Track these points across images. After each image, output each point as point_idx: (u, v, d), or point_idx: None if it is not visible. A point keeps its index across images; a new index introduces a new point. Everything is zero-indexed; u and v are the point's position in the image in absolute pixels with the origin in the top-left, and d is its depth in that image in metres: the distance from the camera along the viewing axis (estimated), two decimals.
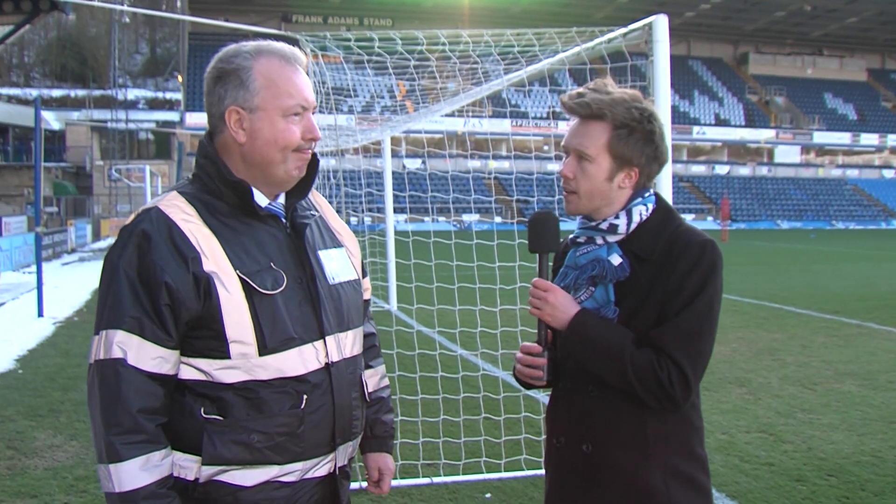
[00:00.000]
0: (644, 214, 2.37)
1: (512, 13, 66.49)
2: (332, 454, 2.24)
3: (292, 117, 2.17)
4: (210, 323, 2.06)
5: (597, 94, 2.34)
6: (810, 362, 10.16)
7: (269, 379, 2.10)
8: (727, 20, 75.97)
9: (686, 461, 2.33)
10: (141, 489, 2.00)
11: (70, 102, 67.50)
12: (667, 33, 4.69)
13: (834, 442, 6.84)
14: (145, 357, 2.03)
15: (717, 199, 63.42)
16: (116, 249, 2.10)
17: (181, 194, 2.17)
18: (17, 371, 9.65)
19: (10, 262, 23.13)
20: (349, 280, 2.38)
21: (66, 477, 5.95)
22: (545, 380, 2.42)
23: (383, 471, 2.58)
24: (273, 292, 2.11)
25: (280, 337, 2.11)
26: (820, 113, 77.24)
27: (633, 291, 2.31)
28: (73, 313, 14.66)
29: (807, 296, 17.21)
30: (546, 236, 2.41)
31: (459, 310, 6.62)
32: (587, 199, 2.38)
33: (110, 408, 2.01)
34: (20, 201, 46.38)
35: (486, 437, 6.36)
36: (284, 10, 70.75)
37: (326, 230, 2.41)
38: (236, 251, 2.11)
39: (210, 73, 2.20)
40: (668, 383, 2.19)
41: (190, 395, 2.10)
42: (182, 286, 2.03)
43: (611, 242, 2.37)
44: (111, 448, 2.00)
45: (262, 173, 2.20)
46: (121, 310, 2.03)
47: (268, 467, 2.12)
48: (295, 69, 2.20)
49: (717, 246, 2.30)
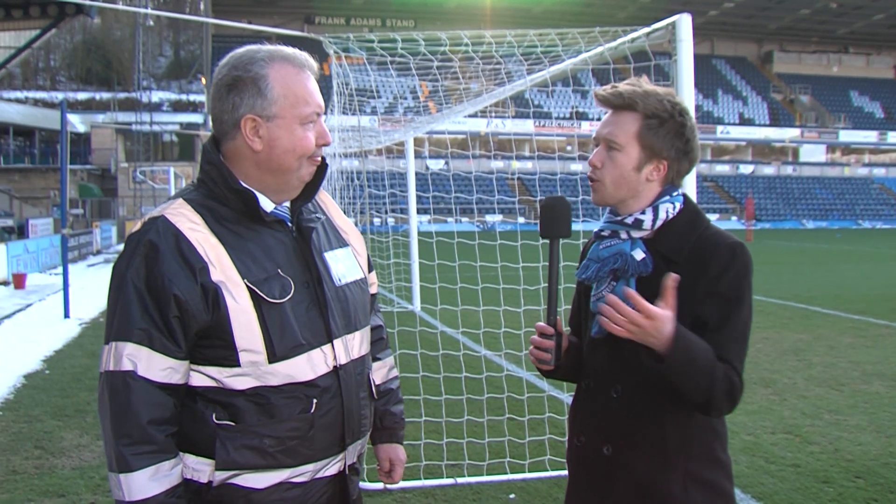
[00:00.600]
0: (671, 213, 2.35)
1: (534, 13, 66.42)
2: (342, 454, 2.26)
3: (308, 124, 2.18)
4: (219, 333, 2.07)
5: (630, 87, 2.34)
6: (837, 363, 10.08)
7: (279, 385, 2.11)
8: (751, 18, 75.51)
9: (708, 467, 2.31)
10: (150, 499, 2.01)
11: (95, 105, 68.04)
12: (690, 32, 4.66)
13: (861, 443, 6.77)
14: (155, 368, 2.03)
15: (741, 198, 63.05)
16: (124, 260, 2.10)
17: (187, 201, 2.16)
18: (45, 372, 9.74)
19: (37, 263, 23.36)
20: (356, 280, 2.39)
21: (92, 476, 6.00)
22: (552, 364, 2.41)
23: (394, 461, 2.60)
24: (281, 301, 2.12)
25: (289, 344, 2.12)
26: (846, 111, 76.62)
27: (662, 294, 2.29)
28: (99, 314, 14.78)
29: (833, 296, 17.07)
30: (557, 222, 2.39)
31: (483, 310, 6.62)
32: (613, 188, 2.36)
33: (120, 419, 2.02)
34: (46, 203, 46.86)
35: (511, 438, 6.35)
36: (307, 12, 71.05)
37: (332, 230, 2.42)
38: (243, 259, 2.11)
39: (222, 79, 2.17)
40: (736, 392, 2.19)
41: (202, 401, 2.11)
42: (190, 297, 2.04)
43: (635, 238, 2.35)
44: (121, 458, 2.01)
45: (275, 180, 2.20)
46: (130, 322, 2.03)
47: (279, 470, 2.14)
48: (308, 76, 2.20)
49: (746, 247, 2.28)
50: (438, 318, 9.30)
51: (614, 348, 2.35)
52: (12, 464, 6.29)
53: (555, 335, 2.40)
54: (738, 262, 2.25)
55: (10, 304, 16.26)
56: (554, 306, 2.42)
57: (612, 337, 2.36)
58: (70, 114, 59.23)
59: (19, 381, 9.17)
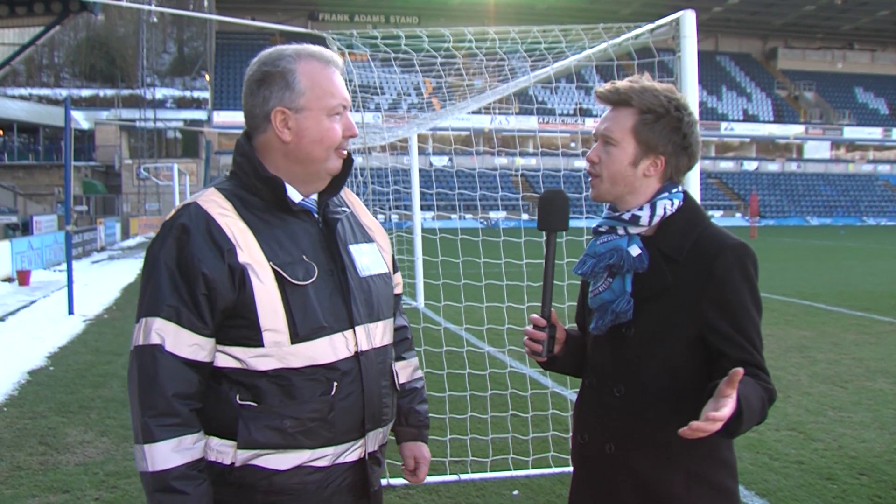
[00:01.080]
0: (669, 209, 2.34)
1: (538, 10, 66.41)
2: (362, 440, 2.30)
3: (335, 116, 2.27)
4: (244, 312, 2.14)
5: (628, 83, 2.36)
6: (841, 360, 10.07)
7: (300, 367, 2.17)
8: (755, 15, 75.35)
9: (712, 467, 2.30)
10: (172, 469, 2.07)
11: (99, 102, 68.14)
12: (694, 29, 4.66)
13: (865, 440, 6.77)
14: (182, 344, 2.11)
15: (745, 195, 62.94)
16: (157, 242, 2.19)
17: (219, 190, 2.26)
18: (49, 368, 9.76)
19: (41, 260, 23.40)
20: (380, 273, 2.45)
21: (97, 473, 6.01)
22: (543, 355, 2.45)
23: (419, 460, 2.65)
24: (304, 283, 2.19)
25: (311, 325, 2.18)
26: (850, 108, 76.47)
27: (665, 293, 2.29)
28: (103, 311, 14.82)
29: (837, 293, 17.06)
30: (555, 214, 2.42)
31: (487, 307, 6.61)
32: (610, 184, 2.37)
33: (147, 391, 2.10)
34: (51, 200, 46.93)
35: (514, 435, 6.35)
36: (311, 9, 71.03)
37: (357, 226, 2.49)
38: (270, 244, 2.19)
39: (253, 75, 2.28)
40: (774, 393, 2.21)
41: (226, 382, 2.18)
42: (218, 276, 2.12)
43: (632, 234, 2.36)
44: (146, 429, 2.08)
45: (303, 170, 2.29)
46: (160, 298, 2.12)
47: (300, 451, 2.19)
48: (333, 71, 2.29)
49: (749, 246, 2.28)
50: (442, 315, 9.30)
51: (616, 347, 2.36)
52: (17, 460, 6.31)
53: (547, 327, 2.44)
54: (743, 265, 2.24)
55: (14, 300, 16.30)
56: (549, 298, 2.45)
57: (612, 335, 2.37)
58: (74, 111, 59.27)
59: (23, 378, 9.19)
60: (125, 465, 6.17)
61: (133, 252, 32.40)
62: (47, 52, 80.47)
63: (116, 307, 15.35)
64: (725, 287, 2.22)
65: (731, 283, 2.22)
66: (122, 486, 5.73)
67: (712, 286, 2.22)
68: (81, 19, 59.94)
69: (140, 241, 40.24)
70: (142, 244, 38.04)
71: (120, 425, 7.19)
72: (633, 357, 2.31)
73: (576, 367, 2.58)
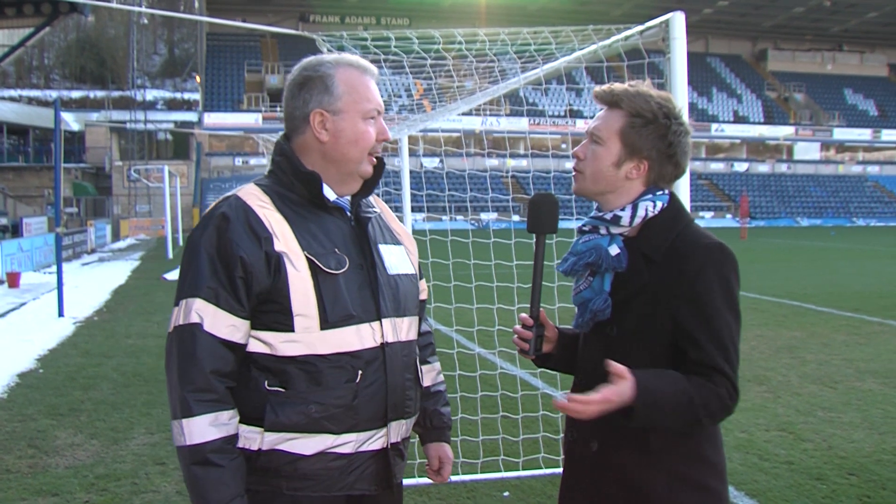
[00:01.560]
0: (651, 211, 2.36)
1: (529, 11, 66.44)
2: (385, 429, 2.39)
3: (369, 120, 2.42)
4: (278, 297, 2.26)
5: (623, 86, 2.40)
6: (831, 360, 10.10)
7: (327, 353, 2.28)
8: (745, 17, 75.61)
9: (695, 467, 2.30)
10: (209, 443, 2.18)
11: (89, 104, 68.02)
12: (683, 30, 4.66)
13: (854, 440, 6.79)
14: (220, 324, 2.23)
15: (735, 196, 63.11)
16: (199, 230, 2.32)
17: (258, 186, 2.41)
18: (38, 371, 9.72)
19: (31, 262, 23.32)
20: (407, 273, 2.56)
21: (86, 475, 5.99)
22: (531, 353, 2.50)
23: (443, 460, 2.75)
24: (336, 272, 2.31)
25: (340, 313, 2.29)
26: (840, 109, 76.73)
27: (642, 293, 2.31)
28: (93, 313, 14.78)
29: (827, 293, 17.11)
30: (544, 217, 2.46)
31: (477, 308, 6.61)
32: (591, 181, 2.42)
33: (186, 367, 2.22)
34: (41, 202, 46.78)
35: (504, 436, 6.35)
36: (302, 10, 70.94)
37: (387, 229, 2.61)
38: (304, 235, 2.32)
39: (294, 80, 2.43)
40: (728, 399, 2.20)
41: (255, 368, 2.29)
42: (255, 261, 2.24)
43: (614, 234, 2.38)
44: (184, 403, 2.20)
45: (338, 170, 2.43)
46: (200, 281, 2.25)
47: (324, 436, 2.29)
48: (369, 78, 2.44)
49: (726, 247, 2.28)
50: (432, 316, 9.30)
51: (602, 346, 2.38)
52: (5, 463, 6.28)
53: (535, 326, 2.48)
54: (715, 264, 2.25)
55: (3, 302, 16.23)
56: (537, 299, 2.49)
57: (598, 334, 2.39)
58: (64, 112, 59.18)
59: (13, 380, 9.15)
60: (115, 467, 6.15)
61: (124, 254, 32.32)
62: (37, 53, 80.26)
63: (106, 309, 15.31)
64: (695, 286, 2.23)
65: (702, 282, 2.23)
66: (112, 489, 5.71)
67: (684, 285, 2.24)
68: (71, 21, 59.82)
69: (131, 244, 40.13)
70: (132, 246, 37.96)
71: (110, 428, 7.17)
72: (616, 356, 2.32)
73: (569, 364, 2.61)
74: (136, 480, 5.89)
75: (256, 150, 49.15)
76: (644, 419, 2.15)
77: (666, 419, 2.19)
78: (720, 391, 2.18)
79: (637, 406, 2.12)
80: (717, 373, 2.19)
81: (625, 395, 2.11)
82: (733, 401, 2.21)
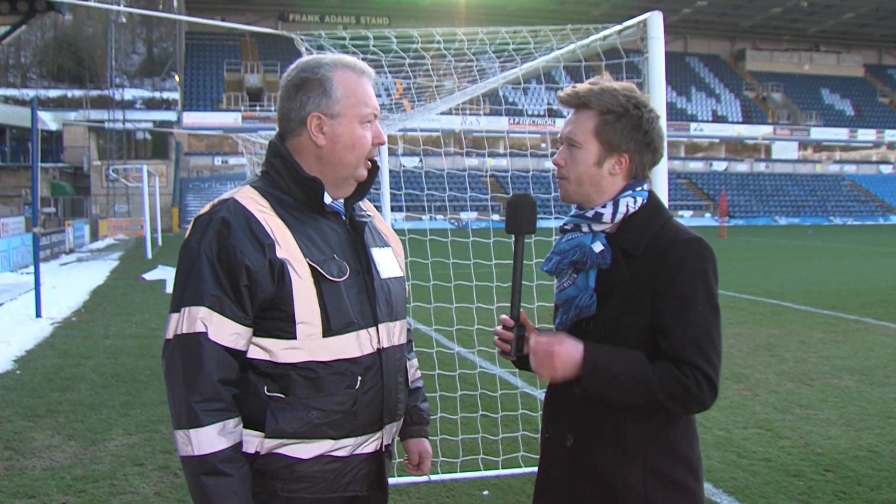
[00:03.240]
0: (631, 207, 2.39)
1: (508, 11, 66.55)
2: (380, 432, 2.42)
3: (366, 124, 2.40)
4: (281, 305, 2.24)
5: (587, 86, 2.42)
6: (808, 358, 10.18)
7: (328, 360, 2.28)
8: (724, 17, 76.02)
9: (670, 463, 2.32)
10: (218, 452, 2.17)
11: (67, 103, 67.52)
12: (661, 30, 4.68)
13: (831, 437, 6.85)
14: (224, 333, 2.20)
15: (714, 195, 63.39)
16: (196, 235, 2.26)
17: (254, 188, 2.36)
18: (15, 372, 9.64)
19: (8, 262, 23.11)
20: (396, 276, 2.56)
21: (63, 477, 5.95)
22: (512, 355, 2.49)
23: (423, 454, 2.76)
24: (339, 280, 2.31)
25: (342, 321, 2.30)
26: (817, 109, 77.28)
27: (621, 287, 2.33)
28: (72, 313, 14.67)
29: (804, 292, 17.24)
30: (522, 218, 2.45)
31: (456, 307, 6.61)
32: (577, 185, 2.43)
33: (192, 376, 2.19)
34: (18, 202, 46.41)
35: (484, 435, 6.37)
36: (281, 9, 70.69)
37: (376, 232, 2.60)
38: (304, 241, 2.30)
39: (291, 81, 2.39)
40: (697, 390, 2.20)
41: (254, 373, 2.27)
42: (260, 269, 2.22)
43: (596, 231, 2.41)
44: (192, 413, 2.17)
45: (334, 174, 2.40)
46: (203, 288, 2.20)
47: (323, 441, 2.29)
48: (367, 81, 2.42)
49: (705, 242, 2.30)
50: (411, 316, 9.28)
51: (579, 339, 2.38)
52: None
53: (515, 327, 2.48)
54: (693, 258, 2.27)
55: None
56: (517, 299, 2.49)
57: (574, 329, 2.40)
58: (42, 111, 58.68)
59: None
60: (93, 468, 6.11)
61: (102, 254, 32.09)
62: (14, 51, 79.58)
63: (85, 310, 15.20)
64: (674, 279, 2.25)
65: (680, 275, 2.25)
66: (90, 490, 5.68)
67: (662, 278, 2.26)
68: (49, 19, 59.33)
69: (109, 244, 39.85)
70: (111, 246, 37.71)
71: (87, 429, 7.12)
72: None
73: None
74: (115, 482, 5.85)
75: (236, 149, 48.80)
76: (591, 383, 2.23)
77: (617, 391, 2.23)
78: (685, 380, 2.19)
79: (584, 369, 2.23)
80: (686, 364, 2.20)
81: (572, 353, 2.26)
82: (705, 393, 2.21)
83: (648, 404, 2.23)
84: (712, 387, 2.22)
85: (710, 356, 2.23)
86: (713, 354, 2.24)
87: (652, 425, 2.30)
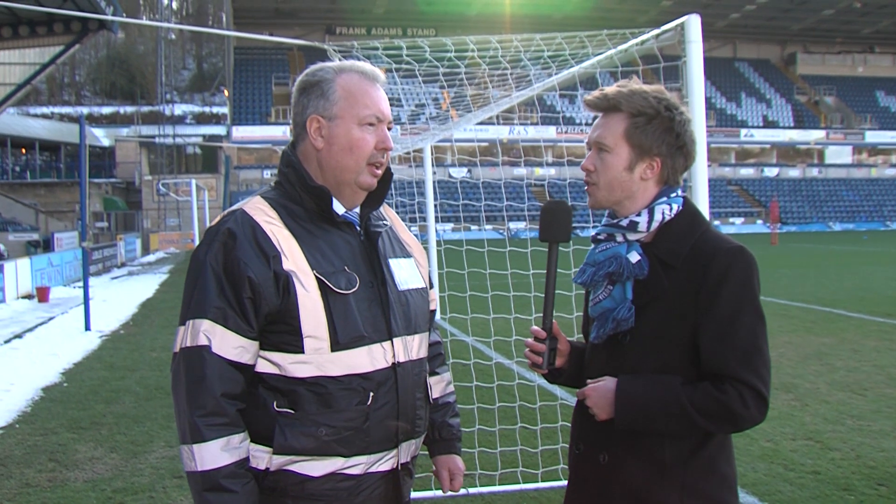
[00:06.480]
0: (667, 214, 2.30)
1: (554, 20, 66.35)
2: (396, 450, 2.34)
3: (367, 126, 2.32)
4: (287, 318, 2.19)
5: (616, 88, 2.34)
6: (861, 367, 9.92)
7: (338, 375, 2.22)
8: (773, 20, 74.97)
9: (709, 480, 2.23)
10: (222, 468, 2.12)
11: (119, 119, 68.86)
12: (699, 33, 4.59)
13: (885, 450, 6.64)
14: (228, 346, 2.16)
15: (766, 201, 62.51)
16: (203, 247, 2.24)
17: (264, 199, 2.33)
18: (63, 384, 9.78)
19: (61, 276, 23.57)
20: (417, 288, 2.49)
21: (104, 489, 5.99)
22: (544, 367, 2.43)
23: (453, 471, 2.68)
24: (347, 292, 2.24)
25: (351, 334, 2.23)
26: (872, 112, 75.82)
27: (660, 299, 2.24)
28: (120, 326, 14.88)
29: (858, 299, 16.85)
30: (556, 225, 2.39)
31: (494, 318, 6.55)
32: (607, 191, 2.35)
33: (195, 391, 2.15)
34: (72, 217, 47.32)
35: (523, 447, 6.28)
36: (328, 23, 71.26)
37: (397, 241, 2.54)
38: (313, 253, 2.25)
39: (296, 86, 2.39)
40: (742, 408, 2.12)
41: (263, 388, 2.22)
42: (263, 281, 2.17)
43: (631, 240, 2.32)
44: (195, 429, 2.13)
45: (335, 180, 2.35)
46: (207, 301, 2.17)
47: (334, 459, 2.23)
48: (373, 84, 2.36)
49: (747, 251, 2.21)
50: (449, 325, 9.26)
51: (613, 355, 2.32)
52: (26, 476, 6.31)
53: (548, 339, 2.41)
54: (737, 268, 2.18)
55: (32, 317, 16.41)
56: (550, 310, 2.42)
57: (609, 343, 2.32)
58: (95, 128, 59.96)
59: (37, 394, 9.22)
60: (133, 480, 6.15)
61: (153, 268, 32.56)
62: (68, 70, 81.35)
63: (133, 323, 15.41)
64: (719, 291, 2.16)
65: (725, 286, 2.17)
66: (129, 503, 5.70)
67: (705, 291, 2.17)
68: (101, 38, 60.62)
69: (160, 257, 40.46)
70: (162, 260, 38.27)
71: (130, 441, 7.18)
72: (628, 365, 2.27)
73: (581, 379, 2.52)
74: (153, 494, 5.88)
75: None
76: (627, 423, 2.19)
77: (654, 425, 2.19)
78: (726, 399, 2.11)
79: (617, 409, 2.20)
80: (732, 380, 2.12)
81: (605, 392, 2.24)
82: (751, 409, 2.13)
83: (690, 432, 2.18)
84: (762, 401, 2.14)
85: (759, 370, 2.14)
86: (762, 367, 2.15)
87: (690, 442, 2.22)
